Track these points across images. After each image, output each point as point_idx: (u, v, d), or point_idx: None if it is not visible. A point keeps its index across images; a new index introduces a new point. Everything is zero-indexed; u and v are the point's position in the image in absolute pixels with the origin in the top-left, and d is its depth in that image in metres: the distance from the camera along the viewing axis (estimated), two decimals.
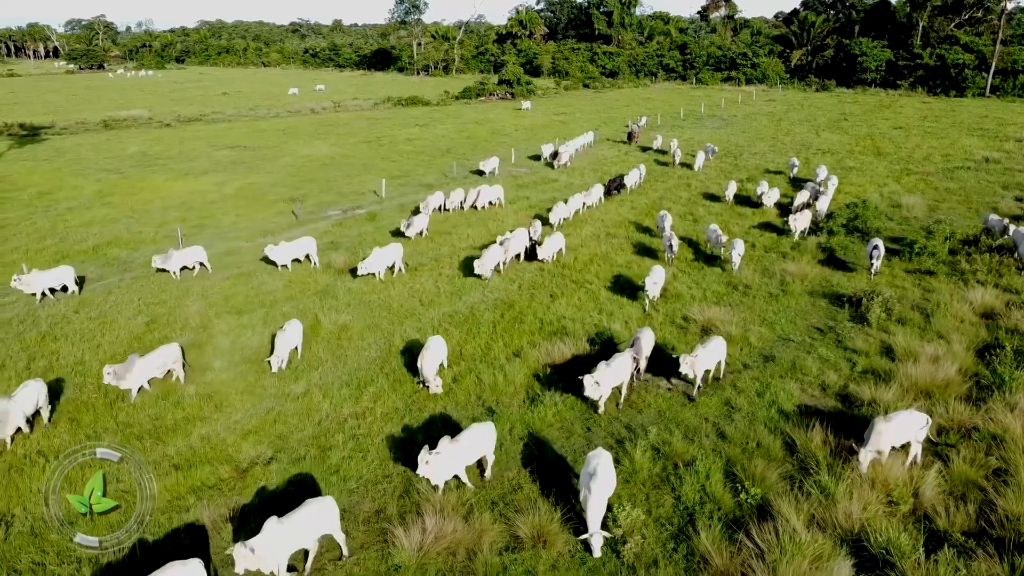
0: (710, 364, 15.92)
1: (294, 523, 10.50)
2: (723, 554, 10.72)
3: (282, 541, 10.28)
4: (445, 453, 11.98)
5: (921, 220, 29.67)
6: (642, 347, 16.31)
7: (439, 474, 12.04)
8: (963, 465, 12.73)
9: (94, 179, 40.32)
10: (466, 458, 12.51)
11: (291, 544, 10.47)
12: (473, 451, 12.66)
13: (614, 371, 14.93)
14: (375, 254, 23.26)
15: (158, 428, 14.85)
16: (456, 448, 12.26)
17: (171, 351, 16.73)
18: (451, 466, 12.23)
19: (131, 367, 15.75)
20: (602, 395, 14.66)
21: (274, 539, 10.15)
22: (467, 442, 12.53)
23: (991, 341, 17.94)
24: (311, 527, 10.73)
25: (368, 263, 22.92)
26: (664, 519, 11.80)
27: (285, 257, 24.65)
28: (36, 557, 11.22)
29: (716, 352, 16.08)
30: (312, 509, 10.82)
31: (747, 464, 12.95)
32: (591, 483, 11.04)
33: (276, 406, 15.66)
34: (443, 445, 12.09)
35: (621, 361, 15.21)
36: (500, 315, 20.43)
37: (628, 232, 28.90)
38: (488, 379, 16.54)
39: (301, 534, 10.58)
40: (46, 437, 14.46)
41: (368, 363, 17.74)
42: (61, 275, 22.26)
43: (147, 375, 16.13)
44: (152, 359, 16.24)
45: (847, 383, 16.14)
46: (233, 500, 12.44)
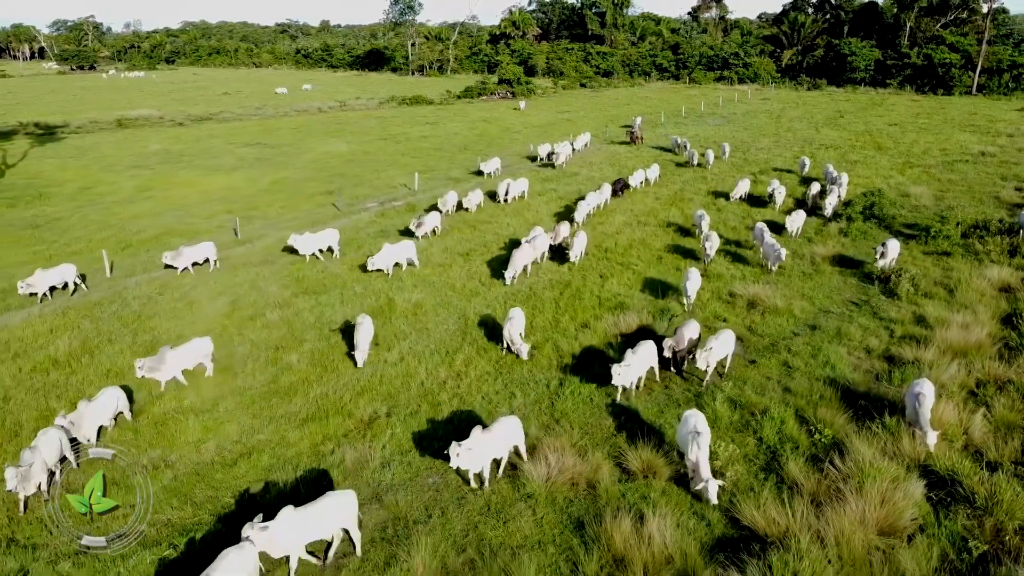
0: (722, 355, 16.59)
1: (310, 514, 10.59)
2: (811, 480, 12.43)
3: (295, 529, 10.41)
4: (477, 444, 12.33)
5: (930, 208, 31.65)
6: (683, 337, 16.93)
7: (475, 463, 12.33)
8: (1003, 411, 14.52)
9: (127, 175, 41.50)
10: (497, 449, 12.80)
11: (306, 534, 10.60)
12: (504, 442, 12.98)
13: (640, 359, 15.79)
14: (385, 250, 23.75)
15: (275, 390, 16.37)
16: (488, 438, 12.60)
17: (203, 344, 17.17)
18: (485, 455, 12.50)
19: (163, 359, 16.22)
20: (631, 382, 15.55)
21: (287, 527, 10.32)
22: (499, 432, 12.88)
23: (1011, 311, 19.81)
24: (328, 519, 10.82)
25: (377, 259, 23.34)
26: (751, 456, 13.48)
27: (309, 247, 25.38)
28: (208, 492, 12.73)
29: (727, 344, 16.75)
30: (330, 502, 10.89)
31: (814, 412, 14.69)
32: (698, 439, 12.21)
33: (376, 371, 17.21)
34: (475, 436, 12.38)
35: (646, 349, 16.09)
36: (559, 293, 22.10)
37: (658, 220, 30.62)
38: (565, 346, 18.21)
39: (317, 525, 10.69)
40: (193, 388, 15.94)
41: (449, 334, 19.33)
42: (64, 273, 22.35)
43: (179, 366, 16.51)
44: (184, 351, 16.70)
45: (888, 347, 17.95)
46: (366, 445, 13.99)
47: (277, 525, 10.25)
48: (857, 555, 10.55)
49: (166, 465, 13.58)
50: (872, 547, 10.77)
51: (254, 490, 12.75)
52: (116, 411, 14.73)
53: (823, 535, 10.92)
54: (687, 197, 34.97)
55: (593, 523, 11.51)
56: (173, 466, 13.54)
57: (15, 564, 11.06)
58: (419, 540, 11.11)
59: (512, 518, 11.84)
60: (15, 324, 20.27)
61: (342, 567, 10.88)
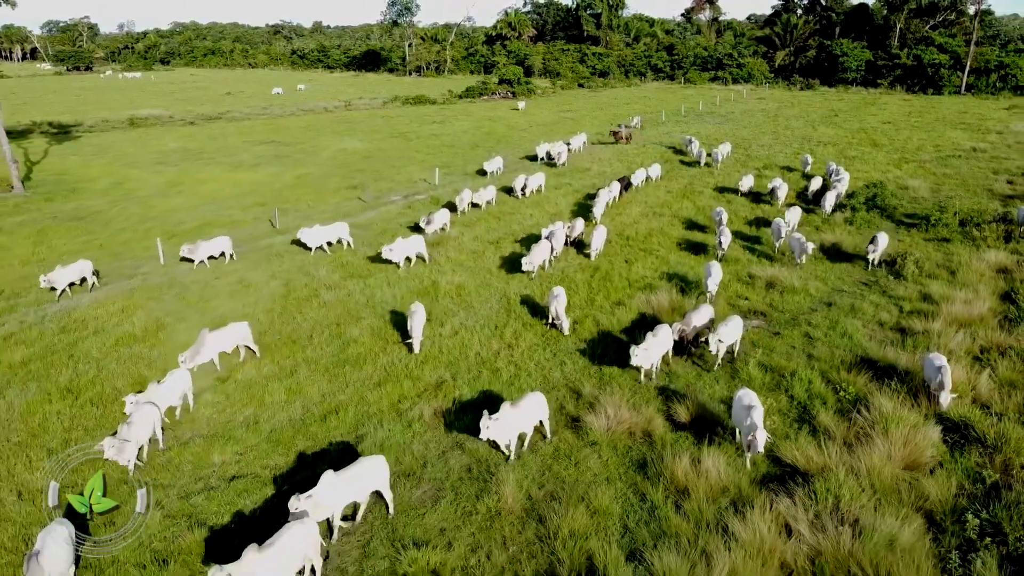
0: (732, 339, 17.54)
1: (348, 477, 11.36)
2: (841, 427, 14.11)
3: (337, 492, 11.15)
4: (505, 418, 13.04)
5: (928, 200, 33.47)
6: (692, 322, 18.07)
7: (503, 435, 13.05)
8: (1006, 371, 16.28)
9: (151, 171, 42.83)
10: (523, 423, 13.54)
11: (346, 495, 11.35)
12: (530, 416, 13.71)
13: (659, 342, 16.86)
14: (398, 243, 24.57)
15: (345, 360, 17.90)
16: (516, 412, 13.31)
17: (241, 329, 17.87)
18: (513, 428, 13.21)
19: (203, 341, 16.95)
20: (651, 363, 16.48)
21: (330, 490, 11.06)
22: (525, 406, 13.64)
23: (1009, 289, 21.59)
24: (364, 482, 11.58)
25: (391, 249, 24.12)
26: (784, 411, 15.14)
27: (317, 240, 26.28)
28: (307, 443, 14.28)
29: (736, 329, 17.68)
30: (366, 466, 11.68)
31: (837, 374, 16.39)
32: (752, 412, 13.06)
33: (434, 344, 18.76)
34: (504, 410, 13.08)
35: (664, 333, 17.21)
36: (591, 275, 23.74)
37: (672, 211, 32.32)
38: (604, 321, 19.84)
39: (355, 487, 11.46)
40: (268, 358, 17.45)
41: (494, 312, 20.92)
42: (82, 269, 22.92)
43: (218, 349, 17.19)
44: (222, 334, 17.40)
45: (899, 320, 19.68)
46: (439, 403, 15.58)
47: (320, 490, 10.94)
48: (887, 484, 12.23)
49: (263, 420, 15.10)
50: (899, 479, 12.44)
51: (349, 439, 14.32)
52: (184, 393, 15.40)
53: (856, 469, 12.59)
54: (697, 190, 36.69)
55: (654, 463, 13.14)
56: (270, 420, 15.07)
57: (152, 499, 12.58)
58: (505, 476, 12.72)
59: (581, 461, 13.46)
60: (84, 305, 21.69)
61: (439, 498, 12.45)
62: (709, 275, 21.05)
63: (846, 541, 10.72)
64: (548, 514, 11.85)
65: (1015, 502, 11.51)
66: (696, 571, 10.36)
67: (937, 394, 14.63)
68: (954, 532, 11.19)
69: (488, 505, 12.17)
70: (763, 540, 10.80)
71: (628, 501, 12.28)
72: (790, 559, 10.65)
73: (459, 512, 12.12)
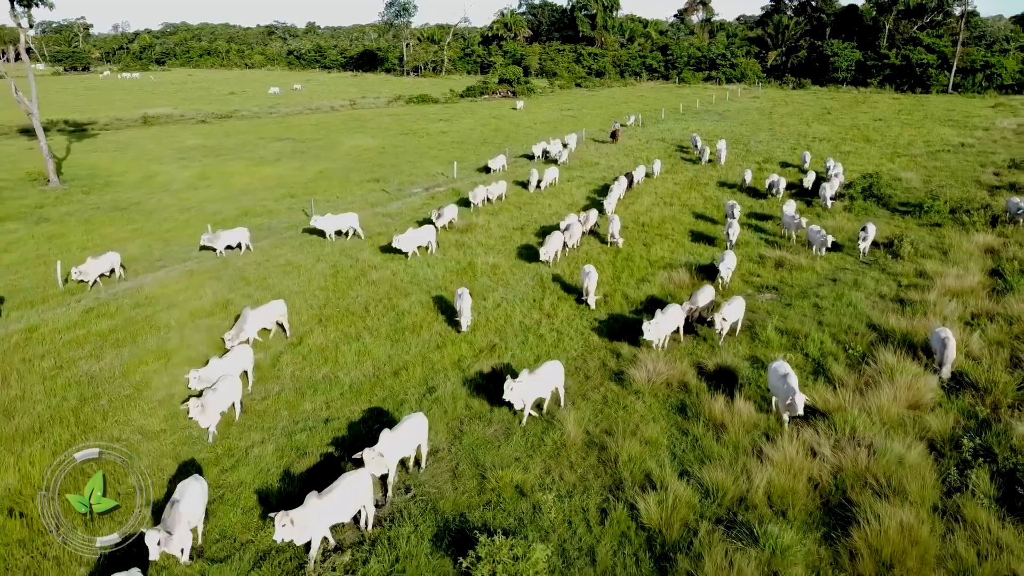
0: (735, 318, 19.14)
1: (401, 434, 12.76)
2: (851, 377, 16.17)
3: (395, 446, 12.49)
4: (525, 382, 14.46)
5: (920, 190, 35.70)
6: (697, 301, 19.84)
7: (523, 398, 14.36)
8: (993, 333, 18.41)
9: (177, 166, 44.59)
10: (541, 388, 14.88)
11: (400, 450, 12.66)
12: (546, 382, 15.06)
13: (668, 319, 18.52)
14: (409, 232, 25.94)
15: (403, 327, 19.82)
16: (534, 378, 14.72)
17: (278, 306, 19.27)
18: (531, 392, 14.55)
19: (245, 318, 18.25)
20: (659, 338, 17.88)
21: (391, 444, 12.41)
22: (542, 374, 14.98)
23: (996, 266, 23.76)
24: (412, 437, 13.03)
25: (401, 238, 25.48)
26: (800, 365, 17.17)
27: (330, 227, 27.94)
28: (384, 394, 16.23)
29: (738, 309, 19.24)
30: (412, 423, 13.12)
31: (845, 336, 18.48)
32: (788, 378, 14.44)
33: (480, 314, 20.68)
34: (523, 376, 14.52)
35: (673, 311, 18.86)
36: (613, 257, 25.77)
37: (681, 201, 34.41)
38: (632, 295, 21.87)
39: (406, 442, 12.83)
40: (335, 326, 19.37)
41: (530, 288, 22.90)
42: (111, 260, 23.91)
43: (259, 325, 18.59)
44: (263, 312, 18.84)
45: (898, 292, 21.80)
46: (495, 361, 17.55)
47: (382, 446, 12.23)
48: (894, 419, 14.29)
49: (341, 376, 17.03)
50: (904, 415, 14.50)
51: (420, 390, 16.28)
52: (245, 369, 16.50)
53: (867, 408, 14.65)
54: (702, 182, 38.82)
55: (692, 406, 15.17)
56: (347, 376, 17.00)
57: (253, 439, 14.48)
58: (567, 416, 14.71)
59: (628, 406, 15.46)
60: (149, 285, 23.52)
61: (510, 434, 14.42)
62: (723, 261, 22.64)
63: (862, 459, 12.79)
64: (607, 444, 13.86)
65: (1003, 431, 13.57)
66: (739, 483, 12.38)
67: (941, 365, 16.36)
68: (952, 456, 13.25)
69: (553, 439, 14.15)
70: (792, 460, 12.84)
71: (673, 435, 14.29)
72: (816, 474, 12.68)
73: (529, 445, 14.09)
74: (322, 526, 10.97)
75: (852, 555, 10.80)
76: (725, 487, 12.27)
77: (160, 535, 10.48)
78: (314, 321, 20.26)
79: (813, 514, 11.86)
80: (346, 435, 14.42)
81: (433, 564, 10.87)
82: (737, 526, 11.42)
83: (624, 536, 11.43)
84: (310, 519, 10.69)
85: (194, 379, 15.36)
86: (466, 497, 12.53)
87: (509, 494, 12.44)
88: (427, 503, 12.34)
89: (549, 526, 11.65)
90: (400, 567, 10.79)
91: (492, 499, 12.40)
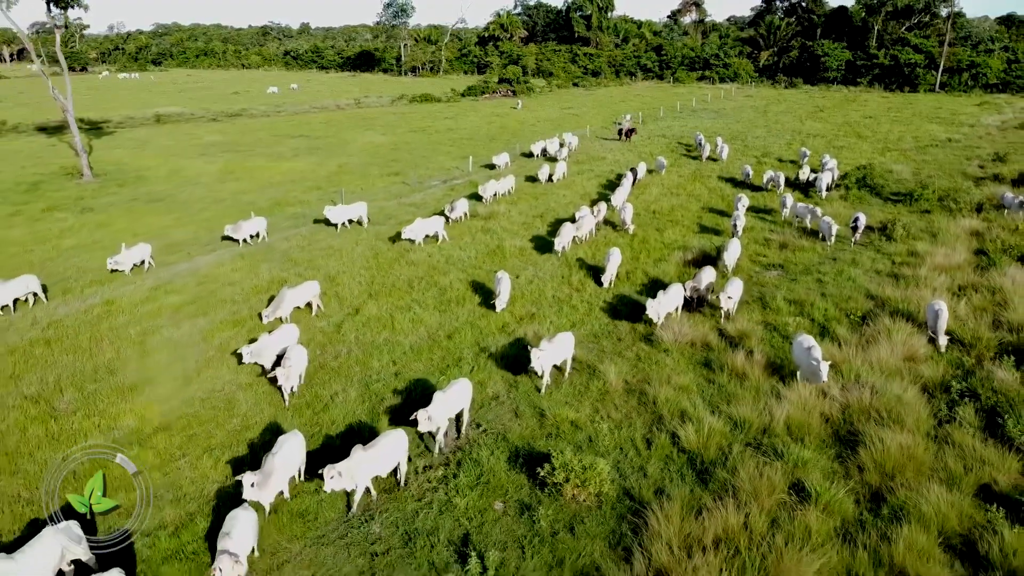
0: (737, 296, 20.89)
1: (450, 395, 14.07)
2: (854, 337, 18.37)
3: (445, 407, 13.81)
4: (548, 349, 16.02)
5: (910, 181, 38.02)
6: (701, 280, 21.56)
7: (545, 363, 15.93)
8: (978, 301, 20.65)
9: (201, 162, 46.43)
10: (558, 355, 16.46)
11: (448, 410, 14.00)
12: (563, 350, 16.62)
13: (670, 298, 20.19)
14: (417, 223, 27.24)
15: (446, 300, 21.87)
16: (552, 346, 16.19)
17: (313, 286, 20.83)
18: (551, 358, 16.15)
19: (283, 297, 19.85)
20: (660, 316, 19.25)
21: (442, 405, 13.72)
22: (559, 342, 16.47)
23: (980, 247, 26.04)
24: (459, 399, 14.34)
25: (411, 229, 26.91)
26: (808, 329, 19.34)
27: (341, 217, 29.73)
28: (442, 354, 18.30)
29: (739, 288, 20.91)
30: (459, 387, 14.43)
31: (846, 303, 20.69)
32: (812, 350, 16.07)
33: (515, 289, 22.73)
34: (544, 344, 16.11)
35: (675, 291, 20.58)
36: (630, 240, 27.90)
37: (687, 192, 36.63)
38: (651, 272, 24.02)
39: (453, 404, 14.14)
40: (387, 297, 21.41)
41: (556, 267, 25.00)
42: (143, 251, 25.02)
43: (294, 303, 20.04)
44: (299, 291, 20.33)
45: (892, 269, 24.04)
46: (535, 328, 19.64)
47: (435, 406, 13.54)
48: (892, 368, 16.49)
49: (400, 339, 19.08)
50: (901, 366, 16.70)
51: (474, 350, 18.37)
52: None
53: (868, 360, 16.86)
54: (705, 175, 41.05)
55: (716, 360, 17.33)
56: (406, 339, 19.05)
57: (335, 388, 16.52)
58: (607, 368, 16.85)
59: (658, 361, 17.60)
60: (202, 266, 25.48)
61: (559, 384, 16.52)
62: (727, 251, 24.13)
63: (866, 397, 14.98)
64: (645, 390, 16.00)
65: (986, 376, 15.81)
66: (762, 416, 14.54)
67: (935, 334, 18.14)
68: (942, 397, 15.45)
69: (597, 386, 16.29)
70: (806, 400, 15.02)
71: (701, 383, 16.45)
72: (827, 411, 14.86)
73: (576, 392, 16.23)
74: (365, 477, 12.19)
75: (860, 469, 12.98)
76: (750, 420, 14.43)
77: (256, 477, 11.83)
78: (365, 295, 22.28)
79: (826, 440, 14.03)
80: (414, 386, 16.47)
81: (512, 477, 12.98)
82: (763, 447, 13.58)
83: (668, 457, 13.57)
84: (355, 470, 11.94)
85: (247, 353, 16.76)
86: (529, 431, 14.65)
87: (566, 428, 14.57)
88: (497, 435, 14.45)
89: (604, 450, 13.77)
90: (484, 479, 12.90)
91: (552, 431, 14.53)
